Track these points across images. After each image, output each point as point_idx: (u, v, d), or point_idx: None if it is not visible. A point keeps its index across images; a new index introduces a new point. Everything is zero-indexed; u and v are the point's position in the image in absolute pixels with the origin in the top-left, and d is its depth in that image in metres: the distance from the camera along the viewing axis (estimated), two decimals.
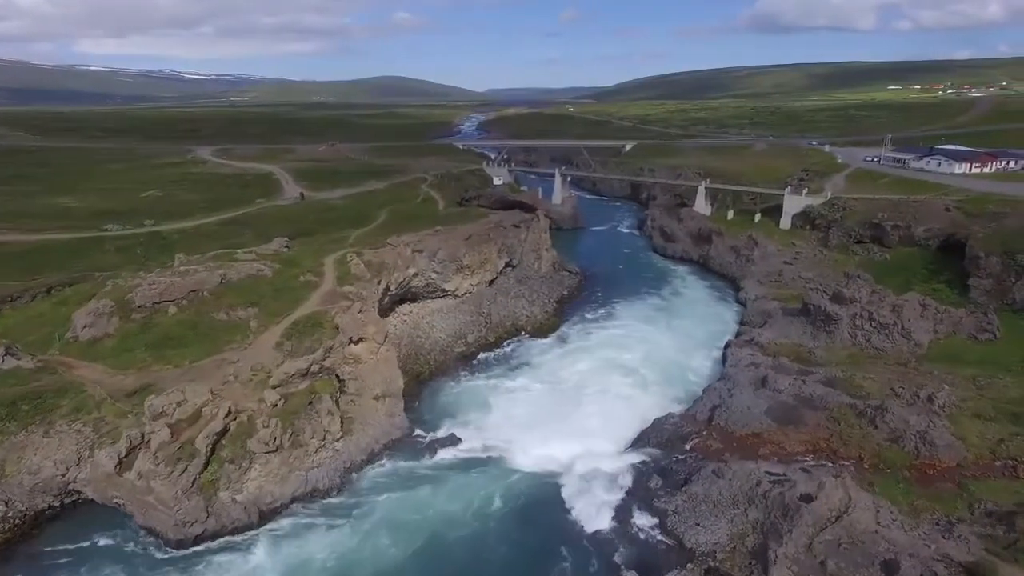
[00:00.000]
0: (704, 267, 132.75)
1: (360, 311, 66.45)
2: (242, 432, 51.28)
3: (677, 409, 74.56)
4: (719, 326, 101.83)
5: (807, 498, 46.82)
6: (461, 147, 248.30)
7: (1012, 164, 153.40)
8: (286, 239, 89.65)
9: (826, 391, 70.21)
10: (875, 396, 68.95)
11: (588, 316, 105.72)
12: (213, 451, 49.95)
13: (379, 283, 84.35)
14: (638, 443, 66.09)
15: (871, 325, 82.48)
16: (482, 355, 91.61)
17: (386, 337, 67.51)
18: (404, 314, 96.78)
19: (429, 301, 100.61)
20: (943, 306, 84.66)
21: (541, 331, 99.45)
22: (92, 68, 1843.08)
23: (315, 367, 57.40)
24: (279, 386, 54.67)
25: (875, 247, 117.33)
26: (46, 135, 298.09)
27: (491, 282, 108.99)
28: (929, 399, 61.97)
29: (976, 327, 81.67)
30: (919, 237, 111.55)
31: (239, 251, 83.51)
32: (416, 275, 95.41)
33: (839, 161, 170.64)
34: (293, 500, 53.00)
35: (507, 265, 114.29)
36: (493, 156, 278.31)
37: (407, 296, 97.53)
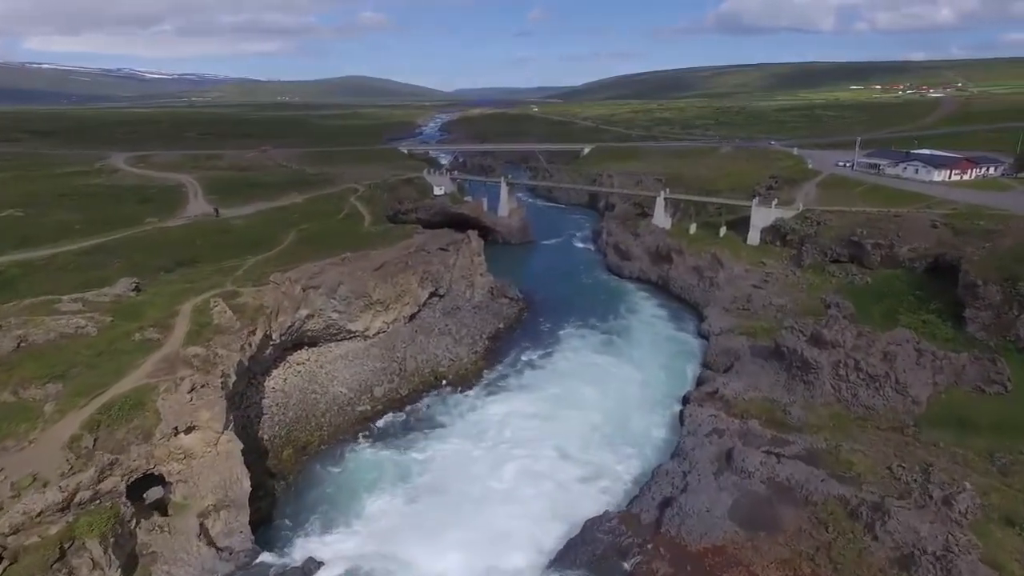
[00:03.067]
0: (663, 289, 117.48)
1: (191, 389, 49.34)
2: None
3: (618, 497, 59.04)
4: (677, 365, 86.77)
5: None
6: (406, 151, 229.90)
7: (992, 170, 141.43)
8: (134, 280, 71.61)
9: (807, 473, 55.13)
10: (869, 479, 54.26)
11: (523, 357, 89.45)
12: None
13: (253, 334, 66.94)
14: (563, 560, 49.61)
15: (858, 376, 67.71)
16: (388, 415, 74.78)
17: (228, 422, 50.42)
18: (298, 363, 79.42)
19: (332, 345, 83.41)
20: (942, 351, 70.21)
21: (465, 379, 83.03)
22: (46, 66, 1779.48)
23: (84, 494, 40.22)
24: (14, 533, 37.35)
25: (854, 268, 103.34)
26: None
27: (412, 317, 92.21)
28: (946, 502, 46.96)
29: (982, 377, 67.41)
30: (903, 257, 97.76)
31: (64, 298, 65.31)
32: (311, 316, 78.23)
33: (810, 167, 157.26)
34: None
35: (433, 295, 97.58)
36: (445, 162, 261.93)
37: (303, 341, 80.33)
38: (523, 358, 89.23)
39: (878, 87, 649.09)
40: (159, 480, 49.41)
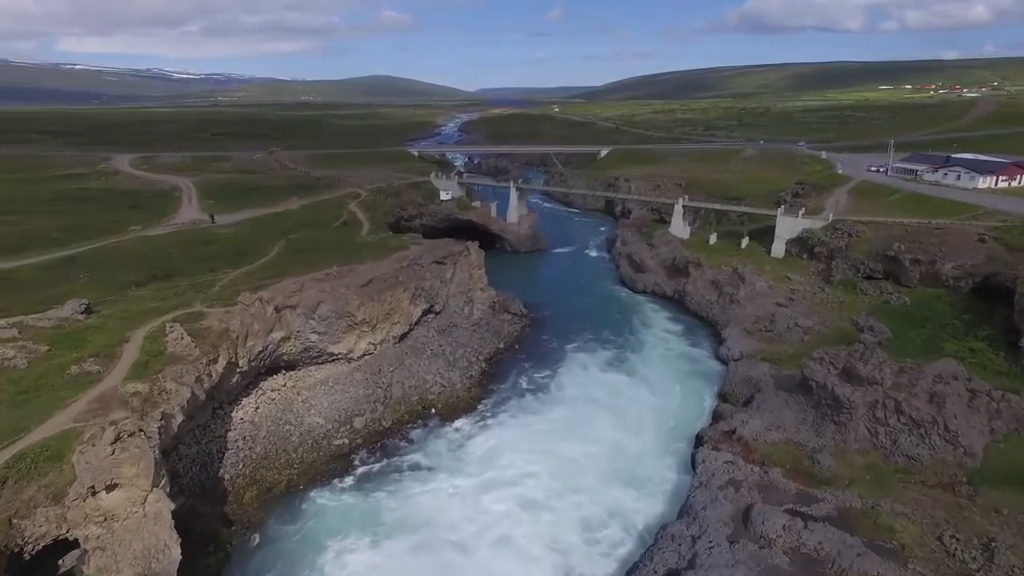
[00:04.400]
0: (680, 305, 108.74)
1: (116, 439, 42.34)
2: None
3: (620, 551, 51.22)
4: (692, 393, 78.32)
5: None
6: (416, 153, 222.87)
7: None
8: (84, 302, 64.85)
9: (840, 542, 46.54)
10: (916, 553, 45.64)
11: (522, 383, 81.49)
12: None
13: (214, 362, 59.99)
14: None
15: (899, 420, 58.69)
16: (367, 450, 67.28)
17: (160, 478, 43.29)
18: (272, 390, 72.24)
19: (312, 369, 76.33)
20: (999, 391, 60.92)
21: (456, 409, 75.28)
22: (78, 67, 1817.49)
23: None
24: None
25: (889, 286, 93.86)
26: None
27: (402, 337, 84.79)
28: None
29: None
30: (946, 276, 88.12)
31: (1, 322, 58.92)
32: (286, 339, 71.16)
33: (840, 172, 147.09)
34: None
35: (427, 312, 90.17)
36: (460, 163, 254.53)
37: (278, 365, 73.29)
38: (522, 382, 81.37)
39: (908, 87, 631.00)
40: (76, 544, 42.44)
